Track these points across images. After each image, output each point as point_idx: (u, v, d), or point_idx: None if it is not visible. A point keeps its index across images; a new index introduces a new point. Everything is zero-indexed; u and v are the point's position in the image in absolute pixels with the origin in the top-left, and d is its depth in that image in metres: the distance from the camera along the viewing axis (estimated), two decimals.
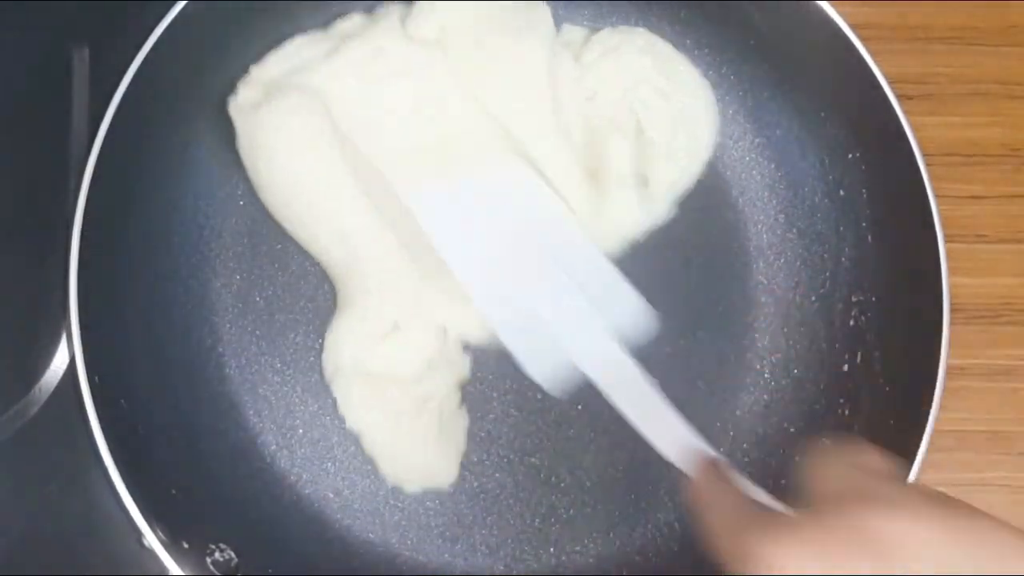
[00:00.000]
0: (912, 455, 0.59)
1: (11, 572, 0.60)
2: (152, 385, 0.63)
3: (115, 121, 0.60)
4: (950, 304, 0.61)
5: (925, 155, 0.63)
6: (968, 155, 0.74)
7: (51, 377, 0.62)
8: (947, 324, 0.61)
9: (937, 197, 0.62)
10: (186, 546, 0.57)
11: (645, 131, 0.69)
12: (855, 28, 0.64)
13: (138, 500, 0.56)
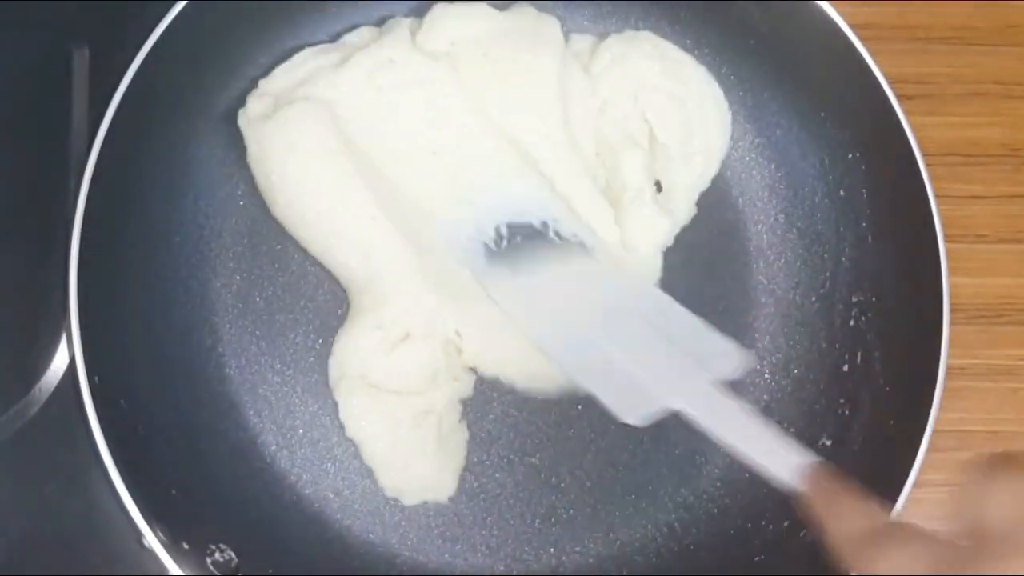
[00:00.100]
0: (912, 455, 0.59)
1: (11, 572, 0.60)
2: (152, 385, 0.63)
3: (115, 121, 0.60)
4: (950, 304, 0.61)
5: (925, 155, 0.63)
6: (968, 155, 0.74)
7: (51, 377, 0.62)
8: (947, 324, 0.61)
9: (937, 197, 0.62)
10: (186, 546, 0.57)
11: (659, 137, 0.69)
12: (855, 28, 0.64)
13: (138, 500, 0.56)
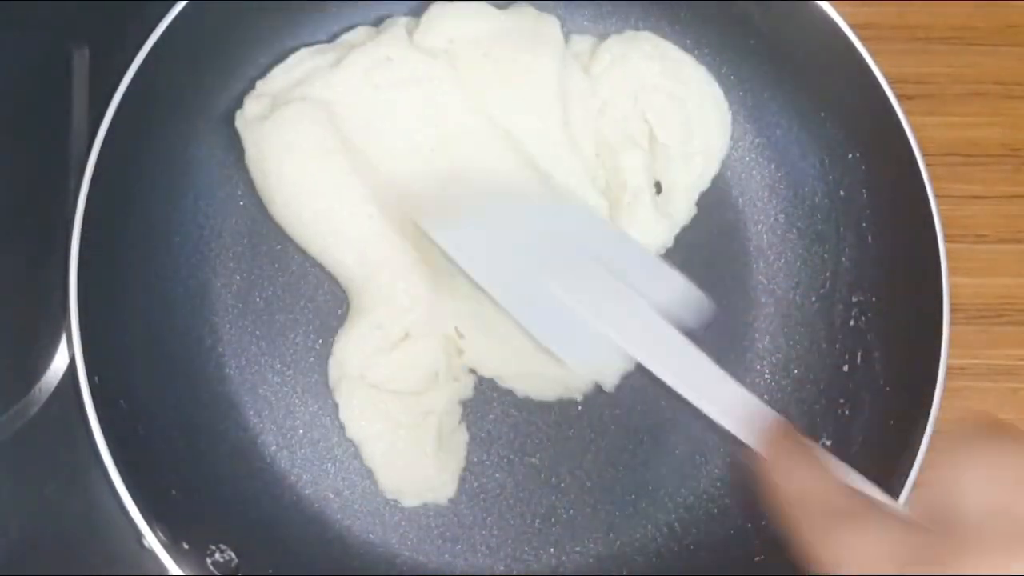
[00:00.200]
0: (912, 455, 0.59)
1: (11, 572, 0.60)
2: (152, 385, 0.62)
3: (115, 121, 0.60)
4: (950, 304, 0.61)
5: (925, 155, 0.63)
6: (968, 155, 0.74)
7: (51, 377, 0.62)
8: (947, 324, 0.61)
9: (937, 197, 0.62)
10: (186, 546, 0.57)
11: (659, 138, 0.69)
12: (855, 28, 0.64)
13: (138, 500, 0.56)
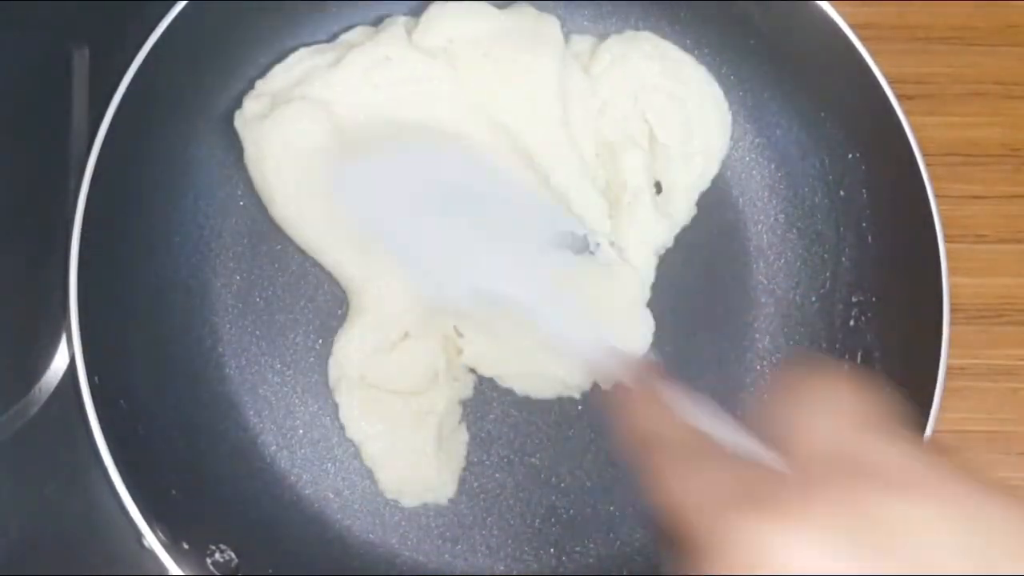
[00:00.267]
0: None
1: (11, 572, 0.60)
2: (152, 385, 0.62)
3: (115, 121, 0.60)
4: (950, 304, 0.61)
5: (925, 155, 0.63)
6: (968, 155, 0.74)
7: (51, 377, 0.62)
8: (947, 324, 0.61)
9: (937, 197, 0.62)
10: (186, 546, 0.57)
11: (659, 138, 0.69)
12: (855, 28, 0.64)
13: (138, 500, 0.56)
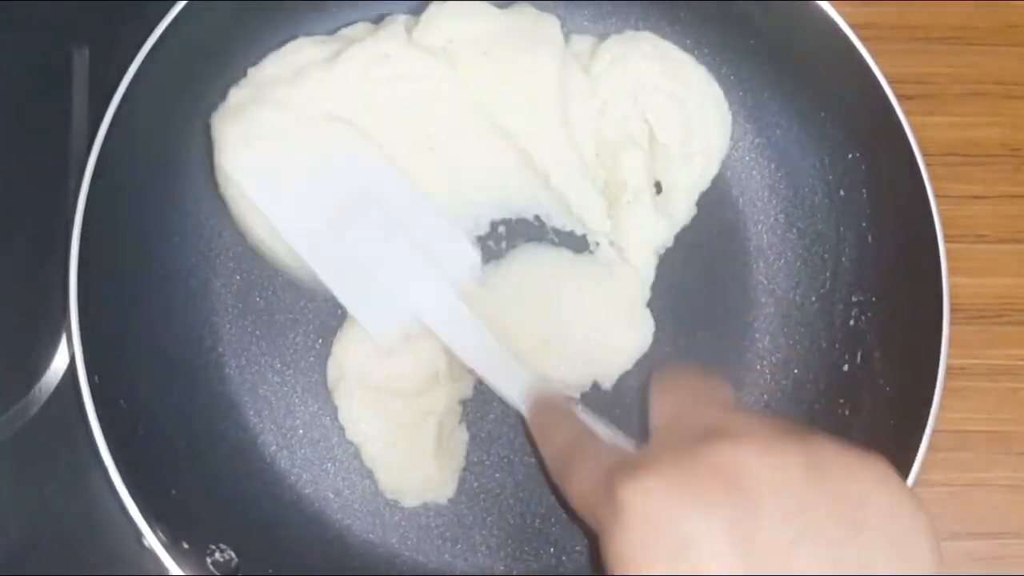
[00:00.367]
0: (912, 455, 0.59)
1: (11, 572, 0.60)
2: (152, 385, 0.62)
3: (115, 121, 0.60)
4: (950, 304, 0.61)
5: (925, 155, 0.63)
6: (968, 155, 0.74)
7: (51, 377, 0.62)
8: (947, 324, 0.61)
9: (937, 197, 0.62)
10: (186, 546, 0.57)
11: (659, 138, 0.69)
12: (855, 28, 0.64)
13: (138, 500, 0.56)
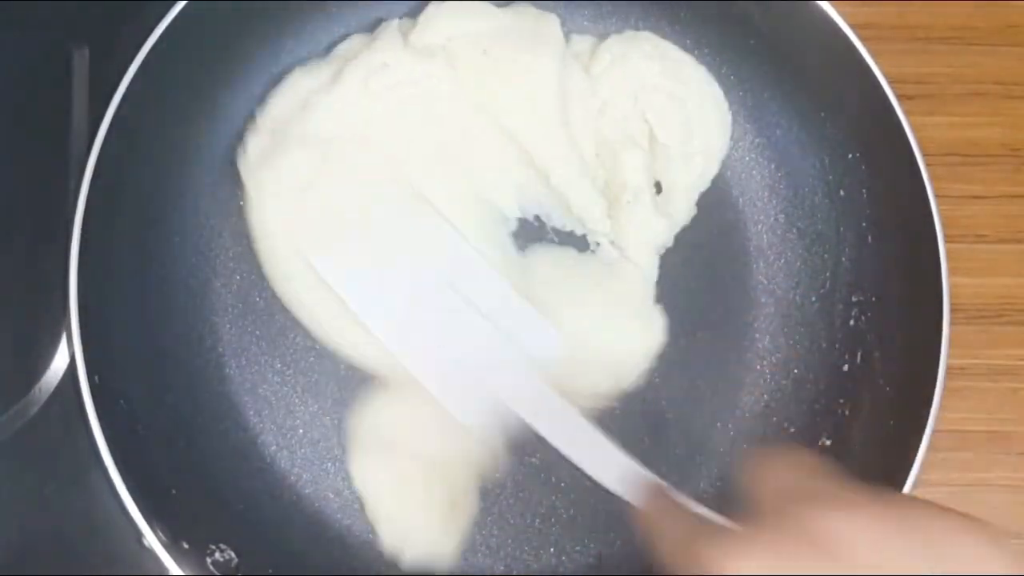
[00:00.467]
0: (912, 455, 0.59)
1: (11, 572, 0.60)
2: (152, 385, 0.63)
3: (115, 121, 0.60)
4: (950, 304, 0.61)
5: (925, 155, 0.63)
6: (968, 155, 0.74)
7: (51, 377, 0.62)
8: (947, 324, 0.61)
9: (937, 197, 0.62)
10: (186, 546, 0.57)
11: (659, 137, 0.69)
12: (855, 28, 0.64)
13: (138, 500, 0.56)
